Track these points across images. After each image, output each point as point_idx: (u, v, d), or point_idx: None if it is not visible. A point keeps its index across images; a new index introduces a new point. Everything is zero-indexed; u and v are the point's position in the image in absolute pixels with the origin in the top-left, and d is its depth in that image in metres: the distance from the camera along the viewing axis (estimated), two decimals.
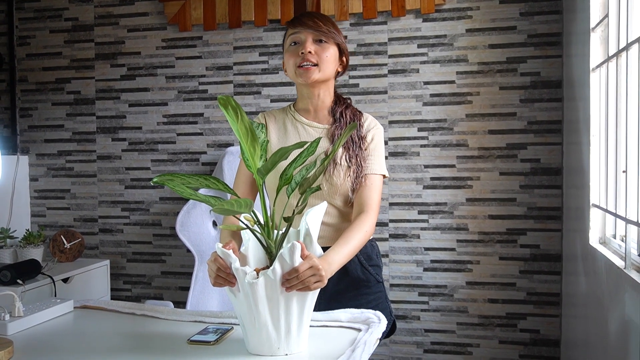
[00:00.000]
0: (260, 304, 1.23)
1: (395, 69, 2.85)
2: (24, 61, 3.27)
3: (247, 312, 1.26)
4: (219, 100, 1.19)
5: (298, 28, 1.66)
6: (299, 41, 1.66)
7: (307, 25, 1.65)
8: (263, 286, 1.22)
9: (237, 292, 1.26)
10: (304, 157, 1.36)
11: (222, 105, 1.20)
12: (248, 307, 1.25)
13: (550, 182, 2.71)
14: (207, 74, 3.05)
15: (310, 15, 1.69)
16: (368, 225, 1.59)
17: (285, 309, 1.25)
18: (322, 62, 1.65)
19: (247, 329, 1.29)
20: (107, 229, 3.21)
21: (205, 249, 2.72)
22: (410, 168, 2.84)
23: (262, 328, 1.25)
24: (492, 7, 2.75)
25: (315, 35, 1.65)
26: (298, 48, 1.66)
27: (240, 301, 1.26)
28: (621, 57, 1.77)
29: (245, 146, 1.26)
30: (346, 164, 1.63)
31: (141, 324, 1.57)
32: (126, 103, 3.15)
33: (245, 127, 1.23)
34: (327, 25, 1.66)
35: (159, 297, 3.14)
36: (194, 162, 3.08)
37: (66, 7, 3.20)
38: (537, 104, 2.72)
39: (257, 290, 1.22)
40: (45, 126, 3.26)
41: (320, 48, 1.65)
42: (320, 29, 1.64)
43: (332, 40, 1.67)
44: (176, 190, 1.21)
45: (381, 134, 1.72)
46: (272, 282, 1.22)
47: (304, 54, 1.64)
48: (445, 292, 2.83)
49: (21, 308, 1.54)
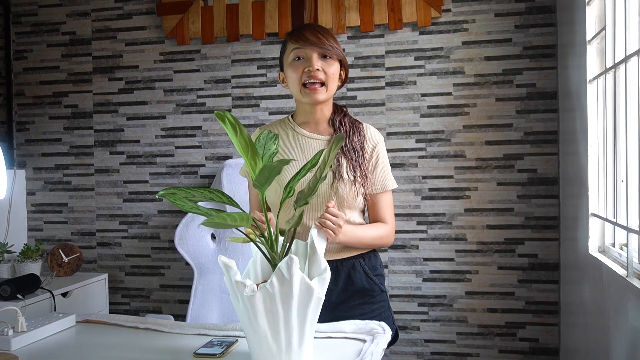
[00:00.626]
0: (260, 317, 1.23)
1: (392, 81, 2.87)
2: (21, 75, 3.27)
3: (248, 324, 1.26)
4: (216, 115, 1.20)
5: (301, 43, 1.64)
6: (304, 56, 1.65)
7: (311, 42, 1.63)
8: (261, 300, 1.22)
9: (237, 304, 1.27)
10: (307, 169, 1.36)
11: (219, 120, 1.20)
12: (249, 319, 1.25)
13: (547, 191, 2.74)
14: (205, 87, 3.06)
15: (313, 29, 1.67)
16: (384, 231, 1.70)
17: (284, 322, 1.25)
18: (328, 80, 1.65)
19: (250, 342, 1.29)
20: (105, 242, 3.20)
21: (204, 262, 2.72)
22: (409, 179, 2.85)
23: (262, 341, 1.26)
24: (488, 20, 2.78)
25: (320, 51, 1.65)
26: (303, 64, 1.64)
27: (241, 313, 1.27)
28: (619, 69, 1.80)
29: (247, 160, 1.27)
30: (351, 175, 1.65)
31: (145, 338, 1.56)
32: (124, 116, 3.15)
33: (245, 140, 1.24)
34: (330, 40, 1.66)
35: (158, 311, 3.13)
36: (192, 175, 3.08)
37: (63, 21, 3.21)
38: (533, 114, 2.75)
39: (256, 304, 1.22)
40: (43, 140, 3.26)
41: (326, 64, 1.65)
42: (324, 45, 1.64)
43: (335, 56, 1.67)
44: (177, 204, 1.21)
45: (384, 146, 1.74)
46: (271, 296, 1.22)
47: (310, 70, 1.63)
48: (444, 302, 2.84)
49: (24, 323, 1.53)
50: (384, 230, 1.70)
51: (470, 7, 2.80)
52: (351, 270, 1.70)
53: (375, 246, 1.74)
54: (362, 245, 1.67)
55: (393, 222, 1.74)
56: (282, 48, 1.72)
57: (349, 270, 1.70)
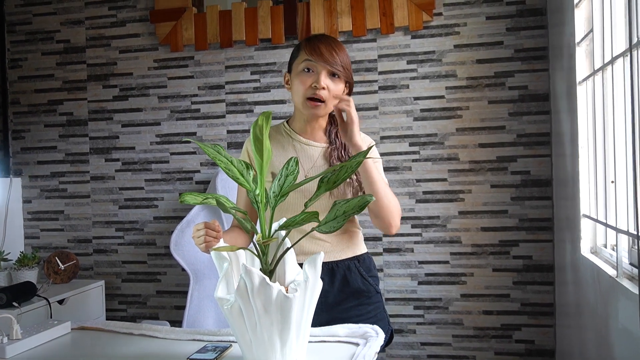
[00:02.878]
0: (238, 327, 1.27)
1: (385, 85, 2.89)
2: (16, 84, 3.28)
3: (236, 331, 1.29)
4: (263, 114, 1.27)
5: (315, 57, 1.63)
6: (314, 69, 1.64)
7: (324, 59, 1.62)
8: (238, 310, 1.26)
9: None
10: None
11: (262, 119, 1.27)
12: (232, 327, 1.28)
13: (541, 193, 2.75)
14: (199, 94, 3.07)
15: (329, 45, 1.65)
16: (397, 204, 1.67)
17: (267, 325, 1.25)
18: (329, 100, 1.65)
19: (241, 347, 1.31)
20: (101, 249, 3.20)
21: (200, 267, 2.73)
22: (403, 182, 2.87)
23: (247, 347, 1.28)
24: (479, 23, 2.80)
25: (330, 70, 1.64)
26: (311, 77, 1.64)
27: (229, 320, 1.30)
28: (607, 71, 1.81)
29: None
30: (346, 186, 1.68)
31: (139, 344, 1.57)
32: (119, 123, 3.17)
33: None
34: (343, 58, 1.65)
35: (155, 317, 3.13)
36: (187, 180, 3.09)
37: (58, 29, 3.23)
38: (525, 117, 2.76)
39: (233, 315, 1.26)
40: (38, 148, 3.26)
41: (333, 83, 1.65)
42: (336, 64, 1.63)
43: (343, 78, 1.67)
44: (186, 200, 1.28)
45: (375, 149, 1.75)
46: (248, 307, 1.24)
47: (316, 87, 1.63)
48: (440, 304, 2.84)
49: (19, 330, 1.54)
50: (397, 203, 1.67)
51: (462, 10, 2.82)
52: (347, 271, 1.72)
53: (386, 199, 1.63)
54: (375, 182, 1.61)
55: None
56: (295, 52, 1.71)
57: (344, 271, 1.72)
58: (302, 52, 1.66)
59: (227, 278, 1.35)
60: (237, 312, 1.26)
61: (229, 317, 1.28)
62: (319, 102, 1.64)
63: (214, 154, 1.30)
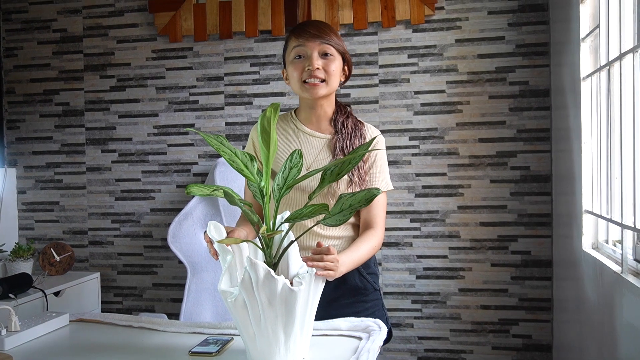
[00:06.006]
0: (241, 320, 1.26)
1: (386, 78, 2.87)
2: (12, 73, 3.24)
3: (240, 324, 1.27)
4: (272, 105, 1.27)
5: (302, 39, 1.63)
6: (304, 55, 1.63)
7: (312, 35, 1.62)
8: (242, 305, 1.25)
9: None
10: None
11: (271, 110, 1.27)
12: (236, 320, 1.27)
13: (540, 189, 2.75)
14: (197, 85, 3.04)
15: (314, 24, 1.66)
16: (376, 241, 1.65)
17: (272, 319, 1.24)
18: (329, 77, 1.64)
19: (244, 340, 1.30)
20: (97, 241, 3.18)
21: (198, 260, 2.71)
22: (402, 177, 2.86)
23: (250, 340, 1.27)
24: (481, 17, 2.79)
25: (321, 48, 1.63)
26: (303, 62, 1.63)
27: (232, 313, 1.29)
28: (613, 67, 1.80)
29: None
30: (348, 177, 1.64)
31: (139, 337, 1.55)
32: (116, 114, 3.13)
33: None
34: (331, 34, 1.65)
35: (151, 309, 3.11)
36: (185, 172, 3.07)
37: (54, 18, 3.19)
38: (525, 112, 2.76)
39: (237, 308, 1.25)
40: (34, 138, 3.23)
41: (327, 62, 1.63)
42: (324, 38, 1.63)
43: (337, 52, 1.66)
44: (193, 191, 1.27)
45: (383, 146, 1.72)
46: (253, 300, 1.23)
47: (310, 69, 1.61)
48: (438, 299, 2.84)
49: (17, 322, 1.52)
50: (376, 240, 1.65)
51: (464, 5, 2.80)
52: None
53: (371, 255, 1.69)
54: (360, 263, 1.62)
55: (383, 225, 1.69)
56: (285, 45, 1.71)
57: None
58: (291, 40, 1.67)
59: (231, 271, 1.33)
60: (241, 305, 1.24)
61: (232, 310, 1.26)
62: (319, 81, 1.63)
63: (217, 145, 1.28)
